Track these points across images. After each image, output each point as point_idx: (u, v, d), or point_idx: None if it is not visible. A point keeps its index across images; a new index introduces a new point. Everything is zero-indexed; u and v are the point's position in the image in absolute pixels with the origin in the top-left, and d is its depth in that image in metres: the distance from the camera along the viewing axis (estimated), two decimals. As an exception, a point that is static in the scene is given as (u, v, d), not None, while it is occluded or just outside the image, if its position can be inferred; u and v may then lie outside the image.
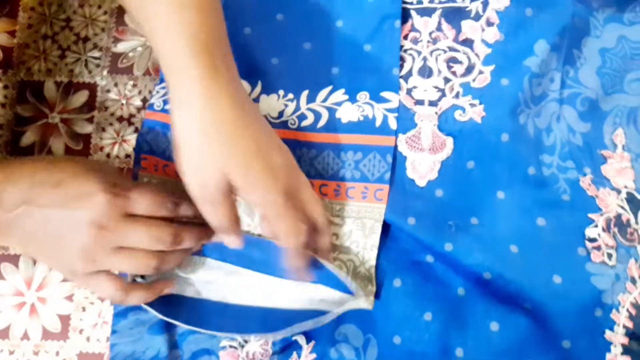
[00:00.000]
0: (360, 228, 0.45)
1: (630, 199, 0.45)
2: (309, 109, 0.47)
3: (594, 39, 0.50)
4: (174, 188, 0.43)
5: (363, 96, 0.48)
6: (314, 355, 0.44)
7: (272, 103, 0.48)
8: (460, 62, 0.48)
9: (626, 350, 0.41)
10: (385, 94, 0.47)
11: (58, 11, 0.53)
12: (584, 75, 0.49)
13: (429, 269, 0.45)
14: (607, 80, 0.49)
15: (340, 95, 0.48)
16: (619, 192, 0.46)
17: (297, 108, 0.48)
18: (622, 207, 0.45)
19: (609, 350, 0.41)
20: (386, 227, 0.46)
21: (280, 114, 0.48)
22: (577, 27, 0.49)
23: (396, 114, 0.47)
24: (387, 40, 0.49)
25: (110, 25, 0.53)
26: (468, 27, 0.49)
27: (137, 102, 0.51)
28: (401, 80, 0.48)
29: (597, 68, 0.49)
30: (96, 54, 0.52)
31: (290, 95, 0.48)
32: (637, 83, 0.49)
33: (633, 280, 0.43)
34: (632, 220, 0.44)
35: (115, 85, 0.51)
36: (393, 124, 0.47)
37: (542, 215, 0.44)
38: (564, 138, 0.47)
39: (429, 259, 0.45)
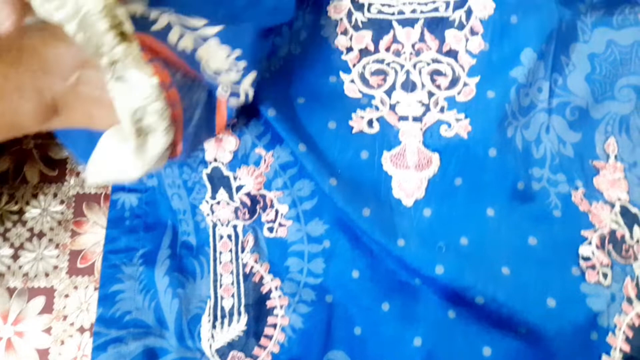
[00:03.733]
0: None
1: (624, 212, 0.44)
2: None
3: (582, 44, 0.48)
4: None
5: None
6: (302, 384, 0.43)
7: (218, 56, 0.37)
8: (445, 75, 0.46)
9: (624, 373, 0.40)
10: None
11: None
12: (573, 82, 0.47)
13: (417, 291, 0.43)
14: (597, 87, 0.47)
15: None
16: (612, 205, 0.44)
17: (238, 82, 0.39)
18: (616, 222, 0.43)
19: (606, 375, 0.40)
20: (371, 248, 0.44)
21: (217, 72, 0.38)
22: (564, 33, 0.47)
23: None
24: None
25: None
26: (452, 37, 0.47)
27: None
28: (384, 95, 0.47)
29: (586, 75, 0.47)
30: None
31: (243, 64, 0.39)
32: (628, 89, 0.47)
33: (629, 300, 0.41)
34: (627, 236, 0.43)
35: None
36: None
37: (533, 234, 0.43)
38: (554, 149, 0.46)
39: (417, 281, 0.43)
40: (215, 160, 0.46)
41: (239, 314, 0.44)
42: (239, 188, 0.46)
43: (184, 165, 0.46)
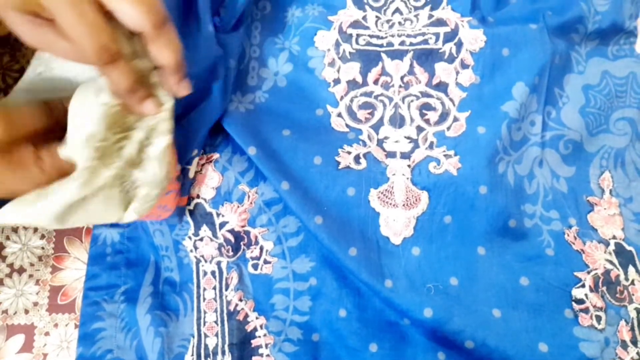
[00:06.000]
0: None
1: (619, 250, 0.42)
2: None
3: (577, 75, 0.47)
4: None
5: None
6: None
7: None
8: (434, 109, 0.45)
9: (618, 422, 0.38)
10: None
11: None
12: (567, 115, 0.46)
13: (406, 332, 0.42)
14: (591, 119, 0.46)
15: None
16: (607, 244, 0.43)
17: None
18: (611, 262, 0.42)
19: None
20: (358, 287, 0.43)
21: None
22: (557, 64, 0.46)
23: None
24: None
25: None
26: (442, 70, 0.46)
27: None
28: (371, 130, 0.45)
29: (580, 107, 0.46)
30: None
31: None
32: (623, 122, 0.46)
33: (624, 345, 0.40)
34: (622, 277, 0.41)
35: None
36: None
37: (525, 274, 0.41)
38: (547, 184, 0.45)
39: (406, 321, 0.42)
40: (198, 196, 0.45)
41: (223, 353, 0.43)
42: (222, 225, 0.44)
43: (166, 202, 0.45)
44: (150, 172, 0.36)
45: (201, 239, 0.45)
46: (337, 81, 0.47)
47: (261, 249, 0.44)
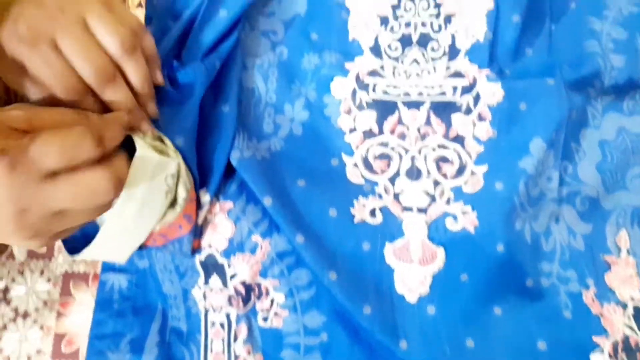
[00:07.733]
0: None
1: (638, 314, 0.42)
2: None
3: (593, 129, 0.47)
4: None
5: None
6: None
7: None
8: (451, 162, 0.45)
9: None
10: None
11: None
12: (584, 171, 0.46)
13: (421, 392, 0.41)
14: (608, 176, 0.46)
15: None
16: (624, 306, 0.42)
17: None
18: (630, 327, 0.41)
19: None
20: (370, 343, 0.42)
21: None
22: (574, 120, 0.46)
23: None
24: None
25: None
26: (459, 122, 0.45)
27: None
28: (388, 183, 0.45)
29: (597, 163, 0.46)
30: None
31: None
32: (639, 180, 0.46)
33: (644, 415, 0.39)
34: (641, 342, 0.41)
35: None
36: None
37: (542, 337, 0.41)
38: (564, 241, 0.44)
39: (421, 382, 0.41)
40: (210, 246, 0.44)
41: None
42: (233, 276, 0.44)
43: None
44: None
45: (211, 289, 0.44)
46: (353, 130, 0.46)
47: (272, 301, 0.43)
